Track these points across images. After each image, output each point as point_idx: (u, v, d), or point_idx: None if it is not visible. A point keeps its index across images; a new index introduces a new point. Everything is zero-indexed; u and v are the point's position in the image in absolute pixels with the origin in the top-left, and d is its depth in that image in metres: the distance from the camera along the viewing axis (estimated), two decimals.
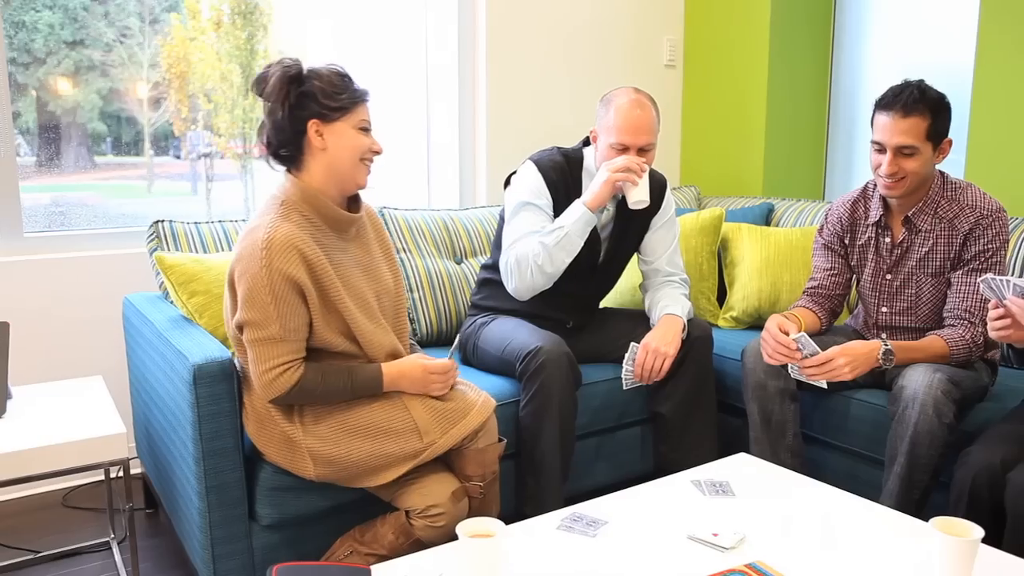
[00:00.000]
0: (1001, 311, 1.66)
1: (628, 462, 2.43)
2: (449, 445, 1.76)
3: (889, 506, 1.88)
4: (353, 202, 1.84)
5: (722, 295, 2.85)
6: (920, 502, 1.87)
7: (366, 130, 1.76)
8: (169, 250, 2.34)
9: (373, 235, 1.90)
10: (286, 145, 1.73)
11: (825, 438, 2.23)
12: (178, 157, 3.00)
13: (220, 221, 2.45)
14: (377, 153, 1.77)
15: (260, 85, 1.71)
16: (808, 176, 3.55)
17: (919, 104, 1.89)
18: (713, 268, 2.80)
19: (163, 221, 2.37)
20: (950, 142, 1.98)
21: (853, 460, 2.19)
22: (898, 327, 2.14)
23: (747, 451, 2.22)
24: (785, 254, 2.71)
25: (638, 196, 2.11)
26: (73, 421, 1.84)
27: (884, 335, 2.17)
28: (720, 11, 3.53)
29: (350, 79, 1.74)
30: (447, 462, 1.83)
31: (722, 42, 3.54)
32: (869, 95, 3.40)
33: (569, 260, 2.16)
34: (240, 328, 1.68)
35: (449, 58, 3.22)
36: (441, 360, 1.78)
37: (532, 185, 2.24)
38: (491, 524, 1.39)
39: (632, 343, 2.20)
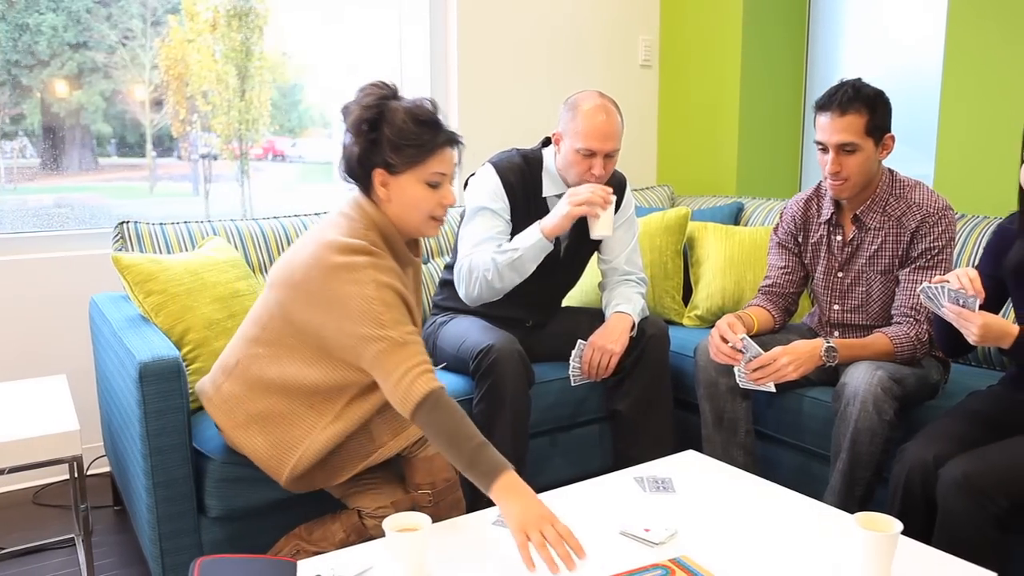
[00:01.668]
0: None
1: (586, 459, 2.45)
2: (399, 447, 1.78)
3: (832, 502, 1.89)
4: (414, 243, 1.78)
5: (688, 294, 2.86)
6: (864, 498, 1.88)
7: (438, 184, 1.65)
8: (133, 251, 2.37)
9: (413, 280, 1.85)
10: (357, 179, 1.68)
11: (779, 435, 2.24)
12: (181, 158, 3.04)
13: (186, 222, 2.48)
14: (449, 205, 1.67)
15: (344, 114, 1.66)
16: (784, 175, 3.56)
17: (855, 101, 1.91)
18: (678, 267, 2.82)
19: (128, 222, 2.41)
20: (892, 137, 2.00)
21: (806, 457, 2.20)
22: (850, 324, 2.15)
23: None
24: (749, 253, 2.72)
25: (601, 231, 2.10)
26: (28, 419, 1.87)
27: (837, 333, 2.18)
28: (695, 11, 3.55)
29: (431, 123, 1.63)
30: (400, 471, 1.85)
31: (697, 42, 3.55)
32: None
33: (519, 280, 2.16)
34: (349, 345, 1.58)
35: (421, 59, 3.25)
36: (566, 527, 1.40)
37: (490, 188, 2.25)
38: (419, 519, 1.42)
39: (579, 340, 2.22)
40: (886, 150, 2.01)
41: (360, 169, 1.64)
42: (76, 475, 1.90)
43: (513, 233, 2.24)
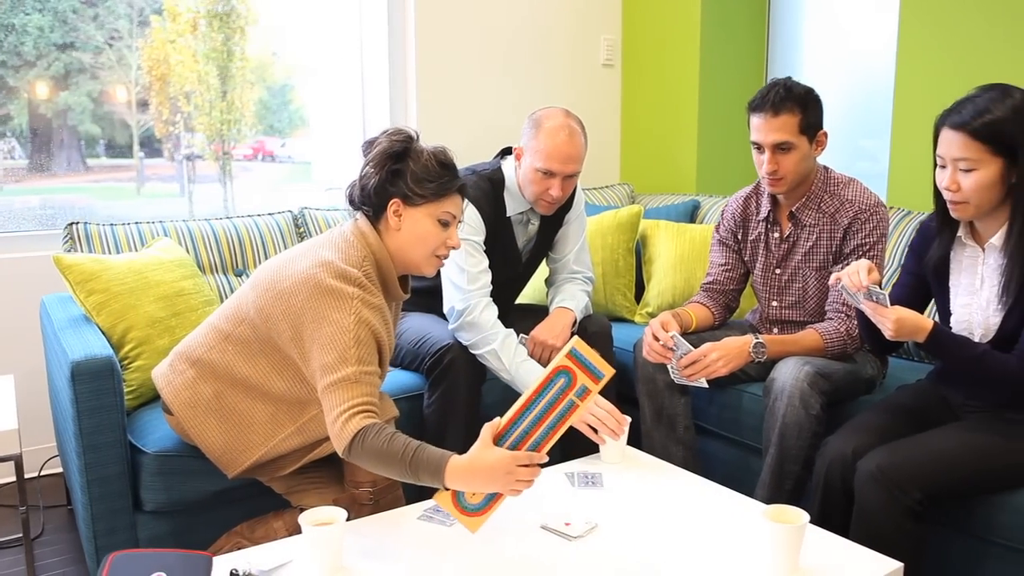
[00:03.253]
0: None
1: None
2: None
3: (763, 496, 1.92)
4: (403, 278, 1.82)
5: (641, 291, 2.89)
6: (794, 492, 1.90)
7: (447, 223, 1.71)
8: (82, 251, 2.39)
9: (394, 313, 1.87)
10: (370, 206, 1.71)
11: (719, 430, 2.27)
12: (170, 159, 3.05)
13: (136, 223, 2.50)
14: (453, 248, 1.73)
15: (367, 147, 1.72)
16: (742, 173, 3.58)
17: (787, 101, 1.94)
18: (630, 265, 2.84)
19: (77, 223, 2.42)
20: (825, 134, 2.03)
21: (745, 452, 2.22)
22: (788, 321, 2.18)
23: None
24: (700, 250, 2.75)
25: (609, 457, 1.87)
26: None
27: (776, 329, 2.21)
28: (657, 10, 3.57)
29: (450, 168, 1.71)
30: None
31: (659, 41, 3.58)
32: None
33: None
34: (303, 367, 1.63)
35: (380, 60, 3.26)
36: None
37: (471, 220, 2.18)
38: (335, 513, 1.44)
39: (521, 334, 2.24)
40: (820, 147, 2.04)
41: (376, 197, 1.69)
42: (17, 475, 1.92)
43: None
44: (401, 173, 1.68)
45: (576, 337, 1.54)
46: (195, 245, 2.53)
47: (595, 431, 1.84)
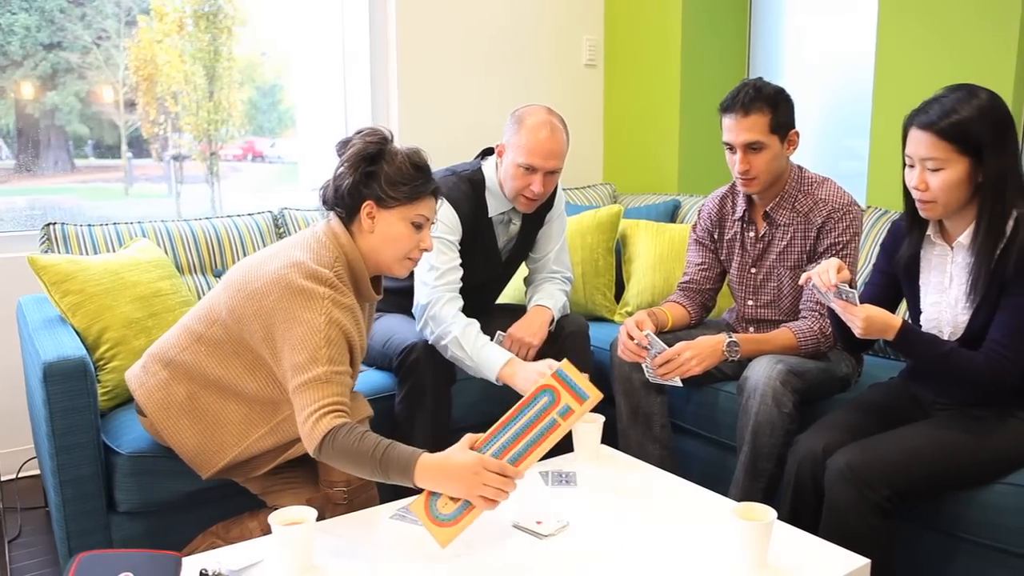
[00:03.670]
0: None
1: None
2: None
3: (737, 494, 1.93)
4: (376, 279, 1.82)
5: (621, 291, 2.90)
6: (768, 490, 1.91)
7: (420, 226, 1.71)
8: (59, 252, 2.38)
9: (367, 313, 1.88)
10: (344, 207, 1.71)
11: (695, 429, 2.28)
12: (159, 159, 3.04)
13: (115, 224, 2.49)
14: (426, 250, 1.74)
15: (341, 147, 1.72)
16: (723, 173, 3.58)
17: (757, 101, 1.95)
18: (610, 264, 2.85)
19: (54, 224, 2.42)
20: (797, 133, 2.05)
21: (722, 450, 2.23)
22: (763, 320, 2.19)
23: None
24: (679, 249, 2.76)
25: (585, 457, 1.87)
26: None
27: (752, 328, 2.22)
28: (639, 11, 3.58)
29: (424, 171, 1.71)
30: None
31: (641, 42, 3.59)
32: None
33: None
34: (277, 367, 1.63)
35: (361, 60, 3.26)
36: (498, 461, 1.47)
37: (446, 218, 2.16)
38: (305, 512, 1.44)
39: (499, 331, 2.24)
40: (792, 146, 2.06)
41: (350, 198, 1.69)
42: (18, 478, 1.91)
43: (463, 255, 2.21)
44: (375, 175, 1.68)
45: (566, 360, 1.55)
46: (174, 245, 2.52)
47: None
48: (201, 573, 1.39)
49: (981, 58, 2.53)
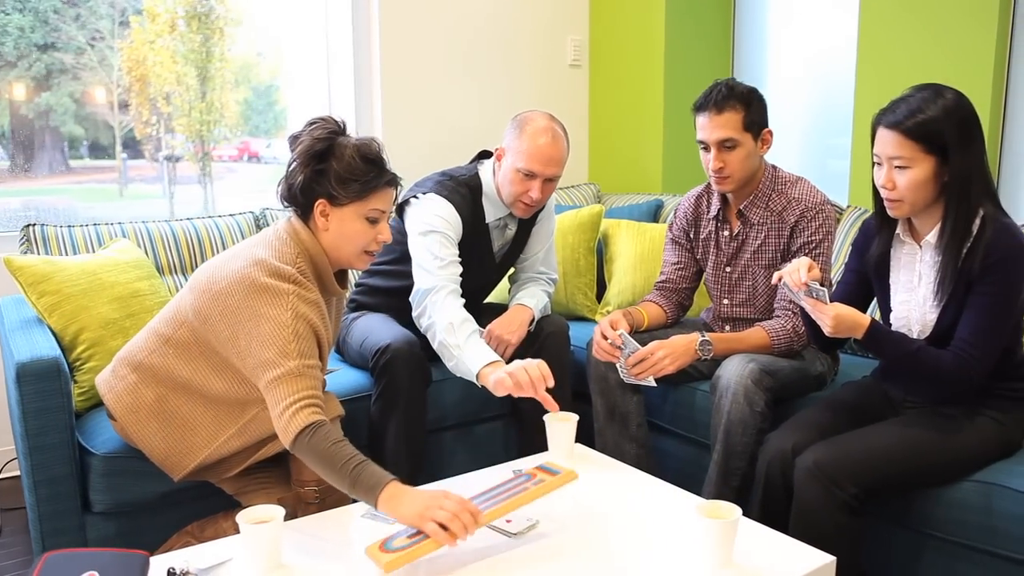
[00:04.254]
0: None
1: (492, 455, 2.48)
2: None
3: (710, 493, 1.94)
4: (342, 273, 1.82)
5: (603, 290, 2.90)
6: (741, 488, 1.92)
7: (376, 220, 1.70)
8: (38, 253, 2.39)
9: (335, 308, 1.88)
10: (298, 206, 1.70)
11: (673, 428, 2.29)
12: (154, 160, 3.04)
13: (95, 224, 2.50)
14: (385, 242, 1.73)
15: (292, 142, 1.69)
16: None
17: (730, 99, 1.97)
18: (591, 264, 2.86)
19: (34, 225, 2.42)
20: (770, 132, 2.06)
21: (699, 449, 2.24)
22: (739, 318, 2.20)
23: None
24: (660, 249, 2.76)
25: (559, 455, 1.84)
26: None
27: (728, 327, 2.23)
28: (624, 11, 3.59)
29: (375, 163, 1.68)
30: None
31: (625, 42, 3.59)
32: (771, 92, 3.44)
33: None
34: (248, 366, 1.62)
35: (345, 61, 3.27)
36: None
37: (448, 216, 2.17)
38: (274, 511, 1.45)
39: (477, 328, 2.24)
40: (766, 145, 2.07)
41: (303, 197, 1.68)
42: None
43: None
44: (325, 173, 1.65)
45: (549, 461, 1.54)
46: (154, 246, 2.53)
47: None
48: (169, 572, 1.39)
49: (962, 55, 2.54)
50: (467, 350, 1.96)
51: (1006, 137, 2.69)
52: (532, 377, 1.75)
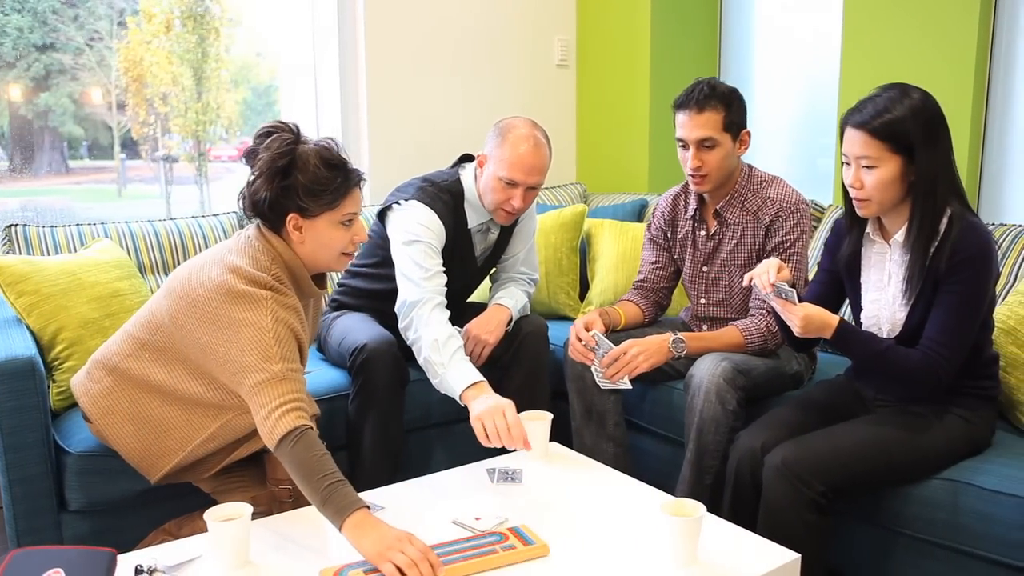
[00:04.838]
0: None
1: (472, 453, 2.47)
2: (263, 443, 1.81)
3: (683, 491, 1.94)
4: (320, 275, 1.82)
5: (586, 290, 2.91)
6: (714, 487, 1.92)
7: (350, 222, 1.69)
8: (19, 253, 2.40)
9: (313, 309, 1.88)
10: (268, 221, 1.69)
11: (651, 427, 2.29)
12: (152, 160, 3.05)
13: (77, 225, 2.51)
14: (361, 240, 1.73)
15: (249, 157, 1.68)
16: None
17: (711, 99, 1.97)
18: (574, 263, 2.87)
19: (16, 225, 2.43)
20: (748, 133, 2.07)
21: (676, 448, 2.24)
22: (716, 318, 2.21)
23: None
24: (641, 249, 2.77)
25: (534, 454, 1.87)
26: None
27: (705, 326, 2.24)
28: (611, 11, 3.59)
29: (341, 167, 1.67)
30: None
31: (612, 42, 3.60)
32: (756, 93, 3.46)
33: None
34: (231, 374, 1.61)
35: (330, 61, 3.28)
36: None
37: (431, 225, 2.16)
38: (242, 508, 1.45)
39: (455, 327, 2.25)
40: (744, 145, 2.07)
41: (272, 212, 1.67)
42: None
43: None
44: (291, 188, 1.63)
45: (524, 525, 1.52)
46: (136, 246, 2.54)
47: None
48: (136, 569, 1.40)
49: (945, 54, 2.56)
50: (451, 369, 1.95)
51: (987, 136, 2.69)
52: (499, 429, 1.74)
